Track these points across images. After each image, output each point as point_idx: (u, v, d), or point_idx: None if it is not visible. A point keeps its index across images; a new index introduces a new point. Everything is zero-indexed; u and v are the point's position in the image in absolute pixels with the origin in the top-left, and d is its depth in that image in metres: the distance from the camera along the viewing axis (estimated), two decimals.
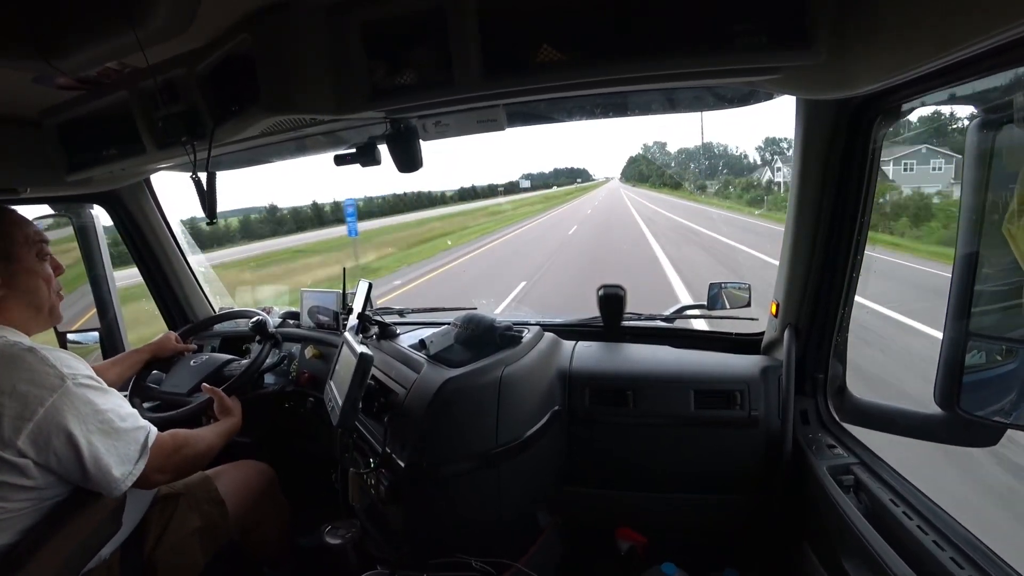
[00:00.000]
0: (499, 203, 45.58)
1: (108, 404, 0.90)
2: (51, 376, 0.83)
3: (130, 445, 0.92)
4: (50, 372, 0.84)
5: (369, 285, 1.56)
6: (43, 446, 0.81)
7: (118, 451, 0.89)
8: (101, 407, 0.88)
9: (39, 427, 0.81)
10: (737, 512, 1.28)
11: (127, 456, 0.91)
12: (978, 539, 0.79)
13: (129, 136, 1.11)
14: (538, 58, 0.80)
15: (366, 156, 1.22)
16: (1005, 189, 0.64)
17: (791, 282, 1.20)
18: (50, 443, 0.82)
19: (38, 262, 0.98)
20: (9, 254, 0.93)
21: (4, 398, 0.79)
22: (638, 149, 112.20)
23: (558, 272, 10.02)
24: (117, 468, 0.89)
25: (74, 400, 0.84)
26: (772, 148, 39.02)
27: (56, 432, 0.82)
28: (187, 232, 1.99)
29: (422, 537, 1.21)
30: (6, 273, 0.93)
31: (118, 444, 0.90)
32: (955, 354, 0.72)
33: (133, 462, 0.91)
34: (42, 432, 0.81)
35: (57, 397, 0.82)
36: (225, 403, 1.33)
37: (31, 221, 1.00)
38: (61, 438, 0.83)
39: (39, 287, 0.98)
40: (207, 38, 0.90)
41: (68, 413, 0.83)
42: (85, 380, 0.88)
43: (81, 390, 0.86)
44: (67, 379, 0.85)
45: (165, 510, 1.14)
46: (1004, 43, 0.54)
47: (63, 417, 0.83)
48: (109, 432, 0.89)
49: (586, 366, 1.37)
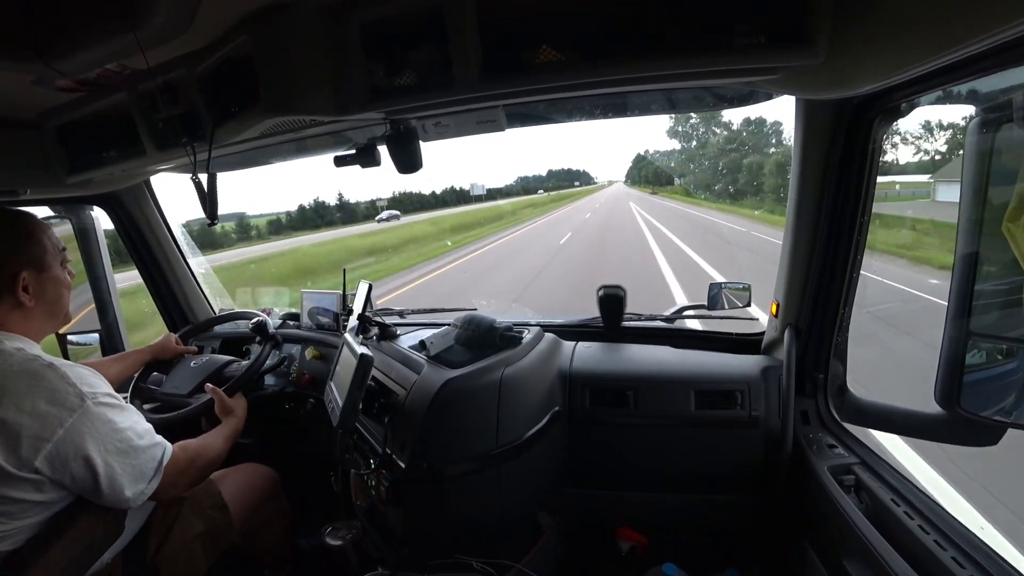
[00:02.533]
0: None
1: (126, 422, 0.90)
2: (71, 395, 0.83)
3: (147, 464, 0.92)
4: (70, 391, 0.83)
5: (369, 286, 1.56)
6: (60, 466, 0.81)
7: (134, 470, 0.90)
8: (120, 426, 0.88)
9: (57, 448, 0.80)
10: (738, 512, 1.28)
11: (142, 475, 0.91)
12: (979, 538, 0.79)
13: (129, 138, 1.11)
14: (538, 59, 0.80)
15: (366, 157, 1.22)
16: (1005, 188, 0.64)
17: (791, 282, 1.20)
18: (67, 464, 0.81)
19: (62, 271, 0.99)
20: (42, 264, 0.93)
21: (24, 417, 0.78)
22: (646, 148, 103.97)
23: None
24: (130, 488, 0.89)
25: (94, 420, 0.84)
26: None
27: (74, 454, 0.82)
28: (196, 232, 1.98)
29: (422, 538, 1.21)
30: (37, 283, 0.92)
31: (135, 463, 0.90)
32: (955, 353, 0.72)
33: (147, 480, 0.92)
34: (60, 453, 0.80)
35: (76, 418, 0.82)
36: (226, 403, 1.33)
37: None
38: (79, 460, 0.82)
39: (63, 296, 0.98)
40: (207, 39, 0.90)
41: (87, 434, 0.83)
42: (104, 399, 0.87)
43: (100, 409, 0.85)
44: (87, 398, 0.84)
45: (168, 515, 1.14)
46: (1002, 43, 0.54)
47: (82, 438, 0.82)
48: (127, 451, 0.88)
49: (586, 366, 1.37)
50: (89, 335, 1.83)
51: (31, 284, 0.91)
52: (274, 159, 1.51)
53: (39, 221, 0.97)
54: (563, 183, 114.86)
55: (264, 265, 14.58)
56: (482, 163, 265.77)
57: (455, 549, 1.19)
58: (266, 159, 1.49)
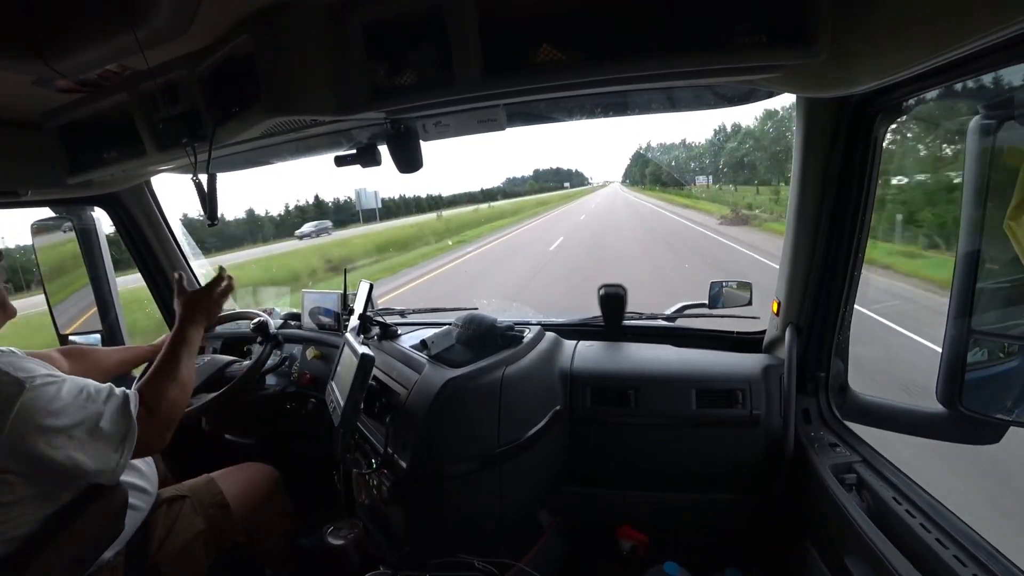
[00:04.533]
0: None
1: (73, 390, 0.85)
2: (8, 384, 0.79)
3: (115, 416, 0.87)
4: (6, 381, 0.80)
5: (370, 286, 1.56)
6: (23, 455, 0.78)
7: (106, 429, 0.85)
8: (67, 398, 0.84)
9: (11, 439, 0.77)
10: (739, 511, 1.28)
11: (116, 429, 0.86)
12: (981, 536, 0.79)
13: (130, 138, 1.11)
14: (538, 58, 0.80)
15: (366, 157, 1.22)
16: (1006, 186, 0.64)
17: (792, 280, 1.20)
18: (30, 451, 0.78)
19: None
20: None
21: None
22: (647, 141, 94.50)
23: None
24: (111, 447, 0.85)
25: (38, 401, 0.80)
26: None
27: (33, 438, 0.78)
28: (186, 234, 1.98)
29: (424, 537, 1.21)
30: None
31: (102, 423, 0.85)
32: (957, 351, 0.72)
33: (124, 433, 0.87)
34: (19, 443, 0.78)
35: (20, 404, 0.78)
36: (183, 291, 1.20)
37: None
38: (42, 442, 0.79)
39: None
40: (207, 39, 0.90)
41: (37, 415, 0.79)
42: (42, 379, 0.83)
43: (43, 390, 0.82)
44: (25, 384, 0.80)
45: (170, 513, 1.14)
46: (1003, 40, 0.54)
47: (34, 420, 0.79)
48: (89, 417, 0.84)
49: (587, 366, 1.37)
50: (91, 335, 1.83)
51: None
52: (274, 159, 1.51)
53: None
54: (554, 185, 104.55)
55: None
56: (466, 162, 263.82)
57: (456, 548, 1.19)
58: (266, 159, 1.49)
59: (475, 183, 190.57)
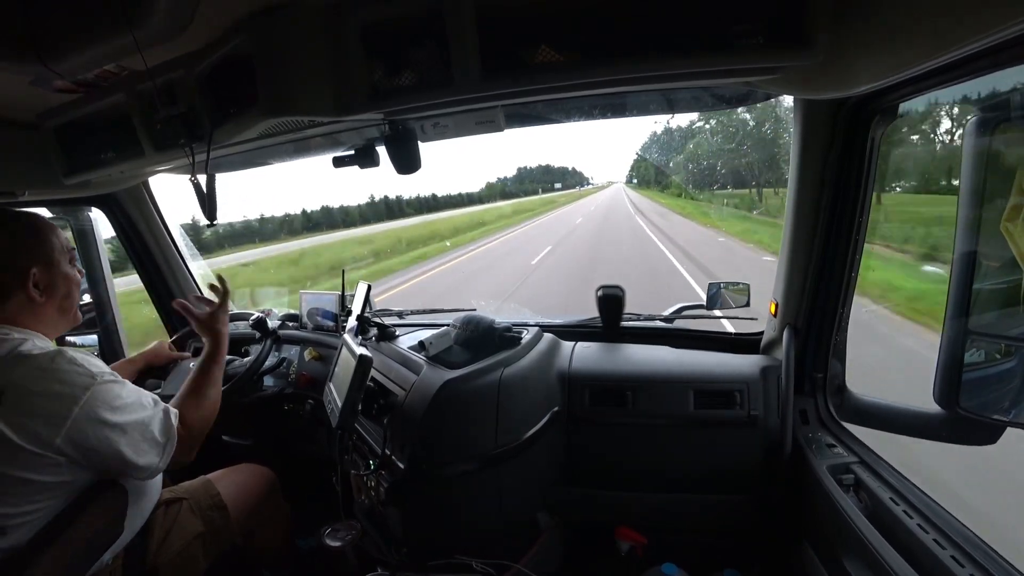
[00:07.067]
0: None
1: (133, 395, 0.94)
2: (82, 375, 0.87)
3: (162, 425, 0.96)
4: (81, 372, 0.87)
5: (368, 287, 1.56)
6: (81, 442, 0.84)
7: (154, 434, 0.94)
8: (128, 399, 0.92)
9: (77, 424, 0.83)
10: (737, 512, 1.28)
11: (162, 434, 0.95)
12: (978, 537, 0.79)
13: (127, 139, 1.11)
14: (537, 59, 0.80)
15: (365, 158, 1.22)
16: (1003, 187, 0.64)
17: (790, 282, 1.20)
18: (88, 439, 0.84)
19: (71, 267, 1.02)
20: (50, 260, 0.97)
21: (42, 399, 0.82)
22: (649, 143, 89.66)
23: None
24: (153, 450, 0.93)
25: (105, 395, 0.88)
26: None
27: (93, 428, 0.85)
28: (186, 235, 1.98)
29: (422, 539, 1.21)
30: (47, 279, 0.96)
31: (152, 427, 0.94)
32: (954, 352, 0.72)
33: (166, 442, 0.96)
34: (80, 430, 0.84)
35: (90, 395, 0.85)
36: (200, 318, 1.26)
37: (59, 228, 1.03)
38: (99, 433, 0.86)
39: (72, 292, 1.02)
40: (205, 40, 0.90)
41: (101, 408, 0.86)
42: (109, 377, 0.91)
43: (109, 386, 0.90)
44: (96, 377, 0.88)
45: (168, 515, 1.14)
46: (1000, 43, 0.54)
47: (98, 412, 0.86)
48: (141, 420, 0.92)
49: (585, 367, 1.37)
50: (88, 337, 1.83)
51: (41, 280, 0.95)
52: (273, 160, 1.50)
53: (46, 220, 1.00)
54: (546, 186, 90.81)
55: None
56: (455, 160, 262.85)
57: (454, 549, 1.18)
58: (265, 160, 1.49)
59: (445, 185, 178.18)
